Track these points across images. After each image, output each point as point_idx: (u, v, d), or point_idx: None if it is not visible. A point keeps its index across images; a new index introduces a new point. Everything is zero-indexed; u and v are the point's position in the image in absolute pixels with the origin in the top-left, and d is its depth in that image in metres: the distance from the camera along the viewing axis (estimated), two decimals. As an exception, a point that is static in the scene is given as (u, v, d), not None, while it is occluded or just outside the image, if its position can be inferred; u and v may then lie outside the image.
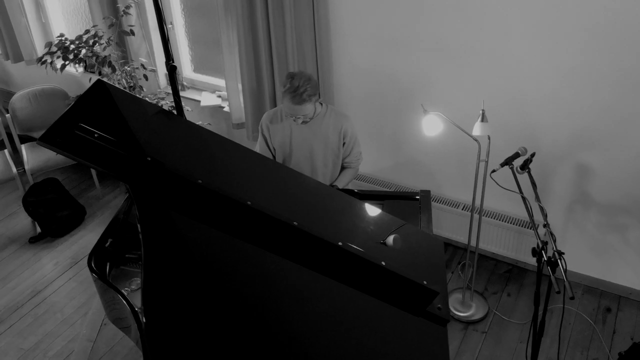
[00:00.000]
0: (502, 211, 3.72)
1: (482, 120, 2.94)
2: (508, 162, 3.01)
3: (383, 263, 2.23)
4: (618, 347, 3.32)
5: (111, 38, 3.96)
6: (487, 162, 3.13)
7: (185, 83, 4.84)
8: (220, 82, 4.70)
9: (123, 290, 2.54)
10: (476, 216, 3.48)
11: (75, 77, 4.97)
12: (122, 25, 4.07)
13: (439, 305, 2.32)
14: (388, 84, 3.69)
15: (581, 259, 3.63)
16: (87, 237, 4.70)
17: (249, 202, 2.12)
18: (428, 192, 2.97)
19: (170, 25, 4.65)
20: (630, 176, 3.22)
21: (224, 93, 4.66)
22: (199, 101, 4.64)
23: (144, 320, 1.89)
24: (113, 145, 1.99)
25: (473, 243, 3.61)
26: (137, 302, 2.51)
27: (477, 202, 3.47)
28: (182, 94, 4.66)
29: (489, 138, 3.07)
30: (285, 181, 2.59)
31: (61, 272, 4.35)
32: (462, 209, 3.77)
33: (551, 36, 3.06)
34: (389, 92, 3.72)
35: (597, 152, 3.24)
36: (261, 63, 3.94)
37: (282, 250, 2.19)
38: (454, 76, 3.43)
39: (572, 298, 2.36)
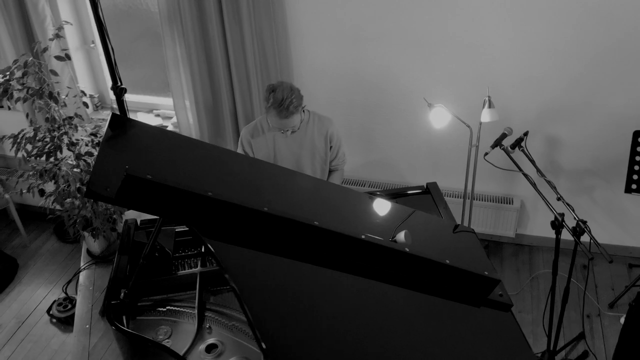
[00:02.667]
0: (480, 191, 3.83)
1: (490, 107, 3.00)
2: (498, 143, 3.12)
3: (447, 261, 2.21)
4: (604, 298, 3.59)
5: (40, 69, 3.53)
6: (477, 146, 3.21)
7: (115, 106, 4.44)
8: (156, 101, 4.39)
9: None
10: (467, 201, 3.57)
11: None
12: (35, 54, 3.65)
13: (500, 292, 2.34)
14: (353, 82, 3.66)
15: (553, 225, 3.86)
16: (26, 292, 4.21)
17: (316, 223, 1.99)
18: (434, 183, 2.98)
19: (92, 45, 4.26)
20: (595, 142, 3.48)
21: (163, 111, 4.36)
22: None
23: None
24: (170, 187, 1.75)
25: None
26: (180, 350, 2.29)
27: (463, 188, 3.56)
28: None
29: (480, 124, 3.15)
30: (306, 187, 2.47)
31: (9, 336, 3.85)
32: (447, 196, 3.82)
33: (518, 19, 3.20)
34: (354, 90, 3.69)
35: (564, 123, 3.45)
36: (217, 76, 3.72)
37: (349, 265, 2.10)
38: (423, 67, 3.47)
39: (611, 262, 2.51)
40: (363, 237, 2.07)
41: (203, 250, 2.74)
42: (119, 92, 3.57)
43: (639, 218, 3.68)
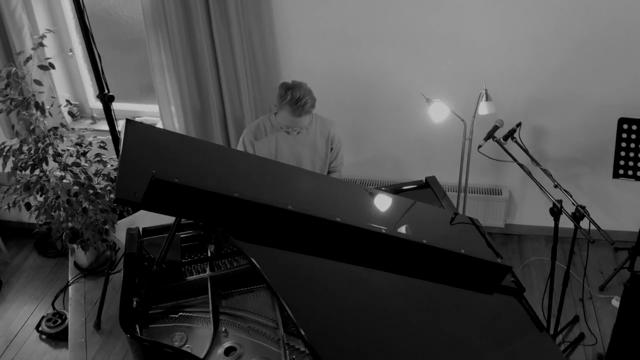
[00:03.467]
0: (470, 184, 3.90)
1: (487, 100, 3.07)
2: (490, 135, 3.19)
3: (463, 251, 2.25)
4: (594, 282, 3.70)
5: (22, 78, 3.43)
6: (471, 139, 3.28)
7: (95, 115, 4.35)
8: (137, 108, 4.33)
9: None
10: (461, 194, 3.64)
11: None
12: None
13: (512, 279, 2.40)
14: (342, 82, 3.69)
15: (540, 212, 3.97)
16: (12, 310, 4.08)
17: (338, 219, 2.00)
18: (433, 177, 3.03)
19: (70, 53, 4.16)
20: (580, 130, 3.59)
21: (145, 118, 4.30)
22: (120, 131, 4.22)
23: None
24: (197, 189, 1.74)
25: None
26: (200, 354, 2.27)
27: (455, 181, 3.62)
28: (95, 127, 4.22)
29: (474, 116, 3.22)
30: (318, 185, 2.48)
31: (-1, 356, 3.74)
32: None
33: (502, 13, 3.29)
34: (343, 89, 3.72)
35: (550, 113, 3.56)
36: (205, 80, 3.69)
37: (373, 258, 2.12)
38: (412, 65, 3.53)
39: (613, 243, 2.60)
40: (384, 231, 2.09)
41: (209, 254, 2.71)
42: (108, 99, 3.52)
43: (621, 204, 3.81)
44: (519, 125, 3.11)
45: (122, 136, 1.92)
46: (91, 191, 3.53)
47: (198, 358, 2.23)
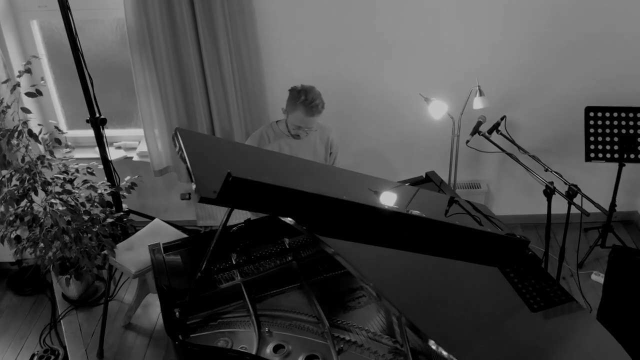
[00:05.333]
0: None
1: (481, 95, 3.30)
2: (476, 130, 3.44)
3: (489, 230, 2.44)
4: (572, 261, 4.00)
5: (6, 104, 3.36)
6: (458, 135, 3.51)
7: (70, 143, 4.27)
8: (114, 133, 4.29)
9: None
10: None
11: None
12: None
13: (529, 251, 2.61)
14: (326, 91, 3.83)
15: (515, 201, 4.26)
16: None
17: (410, 211, 2.14)
18: (433, 172, 3.22)
19: (42, 82, 4.07)
20: (547, 121, 3.92)
21: (124, 143, 4.27)
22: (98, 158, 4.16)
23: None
24: (270, 185, 1.82)
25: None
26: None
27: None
28: (71, 154, 4.13)
29: (461, 114, 3.45)
30: (346, 177, 2.62)
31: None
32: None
33: (473, 18, 3.57)
34: (327, 98, 3.85)
35: (520, 107, 3.86)
36: (193, 98, 3.73)
37: (426, 242, 2.28)
38: (393, 71, 3.74)
39: (606, 213, 2.87)
40: (447, 220, 2.26)
41: (234, 262, 2.76)
42: (100, 122, 3.50)
43: (589, 187, 4.14)
44: (503, 118, 3.38)
45: (179, 143, 1.98)
46: (86, 217, 3.47)
47: (256, 356, 2.28)
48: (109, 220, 3.48)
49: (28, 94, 3.36)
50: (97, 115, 3.46)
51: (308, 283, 2.68)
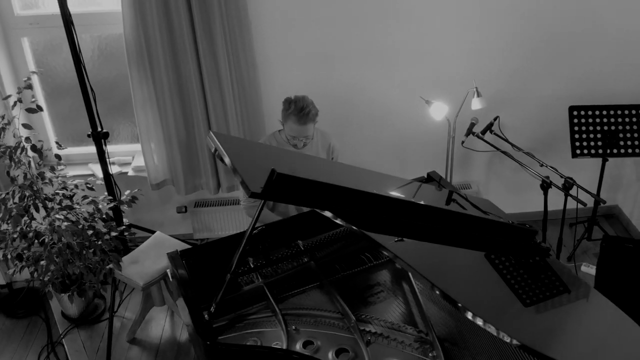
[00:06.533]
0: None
1: (478, 96, 3.46)
2: (470, 131, 3.60)
3: (502, 220, 2.57)
4: (563, 257, 4.18)
5: (7, 121, 3.34)
6: (454, 137, 3.66)
7: (62, 162, 4.24)
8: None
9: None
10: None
11: None
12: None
13: (539, 241, 2.75)
14: (320, 101, 3.94)
15: (503, 200, 4.41)
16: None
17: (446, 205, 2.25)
18: (434, 172, 3.34)
19: (33, 99, 4.05)
20: (532, 122, 4.12)
21: (118, 159, 4.26)
22: (92, 175, 4.15)
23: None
24: (312, 181, 1.90)
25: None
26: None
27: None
28: (64, 172, 4.10)
29: (456, 116, 3.60)
30: (372, 176, 2.73)
31: None
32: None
33: (463, 26, 3.74)
34: (321, 107, 3.96)
35: (506, 109, 4.04)
36: (192, 110, 3.78)
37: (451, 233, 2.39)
38: (385, 77, 3.88)
39: (605, 203, 3.05)
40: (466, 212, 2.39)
41: (252, 266, 2.81)
42: (103, 136, 3.51)
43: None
44: (496, 118, 3.55)
45: (216, 144, 2.04)
46: (91, 232, 3.46)
47: (290, 350, 2.33)
48: (114, 233, 3.48)
49: (29, 110, 3.35)
50: (100, 129, 3.47)
51: (328, 281, 2.74)
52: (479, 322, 2.05)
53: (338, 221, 2.19)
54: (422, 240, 2.43)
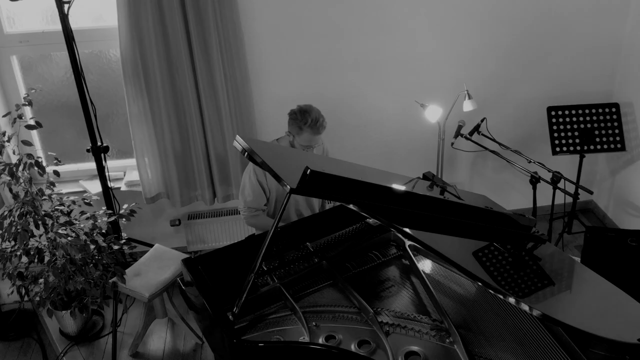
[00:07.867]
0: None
1: (469, 98, 3.63)
2: (458, 133, 3.78)
3: (505, 211, 2.73)
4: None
5: (7, 138, 3.33)
6: (444, 139, 3.83)
7: (53, 180, 4.22)
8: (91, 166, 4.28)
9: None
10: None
11: None
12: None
13: (535, 230, 2.92)
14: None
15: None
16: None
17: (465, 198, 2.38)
18: (430, 172, 3.49)
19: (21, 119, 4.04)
20: (512, 123, 4.34)
21: (112, 174, 4.26)
22: (84, 191, 4.15)
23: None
24: (341, 178, 2.03)
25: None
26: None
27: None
28: (58, 189, 4.09)
29: (445, 119, 3.78)
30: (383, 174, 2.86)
31: None
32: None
33: (443, 33, 3.95)
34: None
35: (489, 112, 4.24)
36: (187, 124, 3.84)
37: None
38: (374, 86, 4.04)
39: (592, 193, 3.25)
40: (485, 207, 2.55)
41: (265, 268, 2.90)
42: (103, 150, 3.54)
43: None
44: (483, 120, 3.74)
45: (245, 147, 2.14)
46: (93, 246, 3.47)
47: (314, 342, 2.42)
48: (116, 247, 3.49)
49: (28, 127, 3.36)
50: (100, 143, 3.50)
51: (342, 279, 2.84)
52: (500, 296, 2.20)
53: (362, 213, 2.30)
54: (433, 232, 2.56)
